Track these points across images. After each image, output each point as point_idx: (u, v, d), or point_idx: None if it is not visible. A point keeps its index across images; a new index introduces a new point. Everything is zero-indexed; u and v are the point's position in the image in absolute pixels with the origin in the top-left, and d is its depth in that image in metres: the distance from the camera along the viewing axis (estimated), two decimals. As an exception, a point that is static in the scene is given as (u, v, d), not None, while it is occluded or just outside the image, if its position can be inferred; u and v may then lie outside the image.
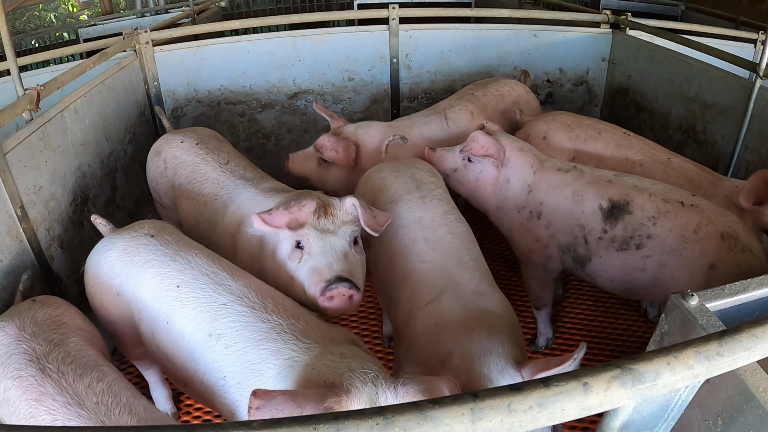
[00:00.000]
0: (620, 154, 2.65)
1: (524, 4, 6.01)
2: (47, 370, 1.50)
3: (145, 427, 1.29)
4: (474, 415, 0.74)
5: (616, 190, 2.18)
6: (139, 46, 3.41)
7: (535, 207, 2.35)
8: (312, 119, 3.88)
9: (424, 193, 2.18)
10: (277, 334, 1.56)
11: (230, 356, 1.58)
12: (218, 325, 1.63)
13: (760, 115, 2.76)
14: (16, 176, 2.07)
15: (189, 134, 2.67)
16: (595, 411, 0.79)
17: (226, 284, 1.72)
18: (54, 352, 1.56)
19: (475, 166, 2.45)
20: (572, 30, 3.85)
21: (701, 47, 3.12)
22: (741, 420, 1.02)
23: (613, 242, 2.14)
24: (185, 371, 1.71)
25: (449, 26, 3.82)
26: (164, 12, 6.56)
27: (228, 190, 2.35)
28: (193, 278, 1.75)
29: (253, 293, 1.70)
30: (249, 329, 1.59)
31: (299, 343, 1.54)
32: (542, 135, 2.83)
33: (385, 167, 2.41)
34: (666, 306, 1.18)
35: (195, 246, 1.92)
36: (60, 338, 1.63)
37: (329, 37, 3.67)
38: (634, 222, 2.09)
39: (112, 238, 1.94)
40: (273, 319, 1.61)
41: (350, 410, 0.75)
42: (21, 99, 2.17)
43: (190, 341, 1.67)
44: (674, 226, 2.03)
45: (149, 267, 1.81)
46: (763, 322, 0.86)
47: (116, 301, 1.89)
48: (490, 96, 3.18)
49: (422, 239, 1.99)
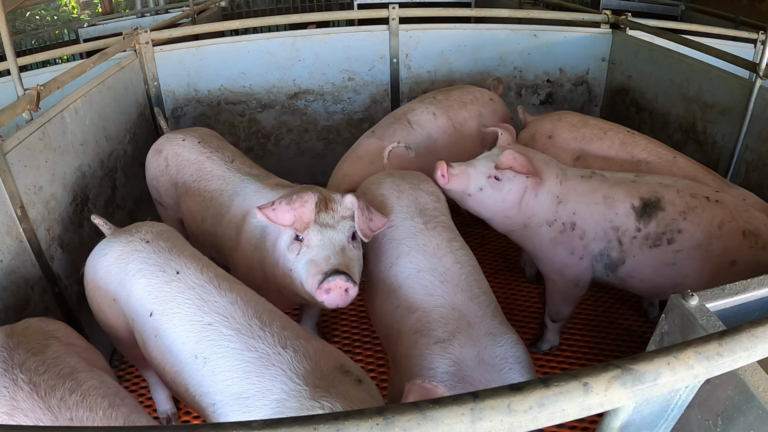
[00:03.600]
0: (626, 152, 2.65)
1: (524, 4, 6.01)
2: (19, 381, 1.42)
3: (146, 427, 1.29)
4: (474, 415, 0.74)
5: (644, 189, 2.19)
6: (139, 46, 3.41)
7: (568, 218, 2.27)
8: (312, 119, 3.88)
9: (427, 219, 2.11)
10: (264, 368, 1.52)
11: (218, 384, 1.55)
12: (204, 347, 1.59)
13: (760, 115, 2.76)
14: (16, 176, 2.07)
15: (190, 133, 2.69)
16: (595, 411, 0.79)
17: (212, 300, 1.68)
18: (29, 362, 1.48)
19: (504, 185, 2.26)
20: (572, 30, 3.85)
21: (701, 47, 3.12)
22: (741, 420, 1.02)
23: (646, 240, 2.16)
24: (175, 386, 1.70)
25: (449, 26, 3.81)
26: (164, 12, 6.56)
27: (234, 185, 2.37)
28: (179, 292, 1.71)
29: (240, 312, 1.65)
30: (236, 358, 1.55)
31: (288, 382, 1.48)
32: (548, 134, 2.82)
33: (386, 182, 2.29)
34: (666, 306, 1.18)
35: (187, 254, 1.88)
36: (40, 348, 1.55)
37: (329, 37, 3.67)
38: (667, 218, 2.12)
39: (110, 241, 1.93)
40: (260, 347, 1.56)
41: (350, 410, 0.75)
42: (21, 99, 2.17)
43: (177, 359, 1.65)
44: (702, 221, 2.08)
45: (140, 276, 1.79)
46: (763, 322, 0.86)
47: (113, 306, 1.88)
48: (452, 101, 3.10)
49: (428, 269, 1.92)
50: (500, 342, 1.73)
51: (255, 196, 2.26)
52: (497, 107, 3.22)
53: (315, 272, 1.83)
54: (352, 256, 1.89)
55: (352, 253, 1.90)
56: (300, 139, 3.93)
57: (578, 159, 2.74)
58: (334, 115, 3.86)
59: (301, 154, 3.91)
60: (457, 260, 1.97)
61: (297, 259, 1.90)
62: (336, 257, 1.84)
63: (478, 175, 2.29)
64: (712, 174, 2.50)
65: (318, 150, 3.95)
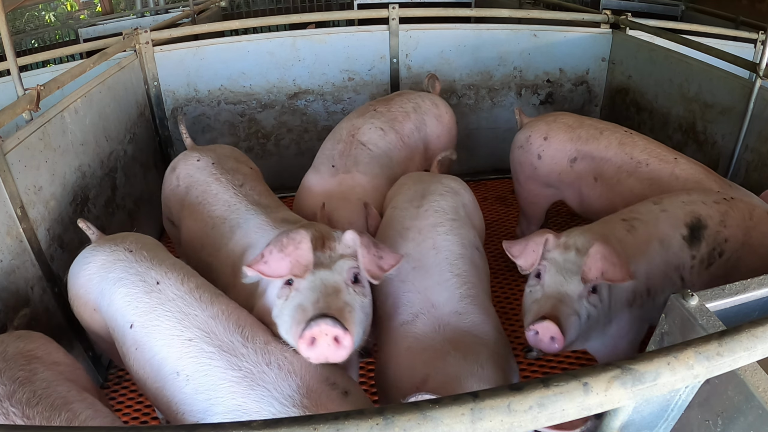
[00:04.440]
0: (624, 153, 2.61)
1: (524, 4, 6.01)
2: (11, 415, 1.37)
3: (146, 427, 1.29)
4: (474, 415, 0.74)
5: (680, 214, 2.06)
6: (139, 46, 3.41)
7: (641, 286, 1.96)
8: (312, 119, 3.88)
9: (421, 204, 2.10)
10: (250, 389, 1.48)
11: (202, 403, 1.51)
12: (185, 364, 1.55)
13: (760, 115, 2.76)
14: (16, 176, 2.07)
15: (207, 153, 2.52)
16: (595, 411, 0.79)
17: (192, 314, 1.64)
18: (18, 393, 1.41)
19: (603, 293, 1.83)
20: (572, 30, 3.85)
21: (701, 47, 3.12)
22: (741, 420, 1.02)
23: (702, 263, 2.06)
24: (157, 402, 1.67)
25: (449, 26, 3.81)
26: (164, 12, 6.57)
27: (238, 215, 2.16)
28: (159, 303, 1.67)
29: (221, 328, 1.61)
30: (219, 377, 1.51)
31: (275, 403, 1.46)
32: (543, 135, 2.82)
33: (415, 174, 2.44)
34: (666, 306, 1.18)
35: (168, 264, 1.83)
36: (27, 375, 1.48)
37: (329, 37, 3.67)
38: (712, 233, 2.06)
39: (94, 250, 1.90)
40: (243, 365, 1.52)
41: (350, 411, 0.75)
42: (21, 99, 2.17)
43: (158, 374, 1.61)
44: (736, 220, 2.09)
45: (120, 286, 1.76)
46: (763, 322, 0.86)
47: (93, 316, 1.87)
48: (395, 112, 2.94)
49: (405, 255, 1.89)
50: (466, 319, 1.78)
51: (257, 233, 2.03)
52: (441, 113, 3.06)
53: (300, 319, 1.52)
54: (350, 301, 1.58)
55: (350, 297, 1.59)
56: (300, 139, 3.93)
57: (575, 160, 2.72)
58: (334, 115, 3.86)
59: (301, 154, 3.91)
60: (434, 245, 1.97)
61: (283, 306, 1.61)
62: (325, 300, 1.54)
63: (576, 308, 1.74)
64: (714, 175, 2.47)
65: (318, 150, 3.94)
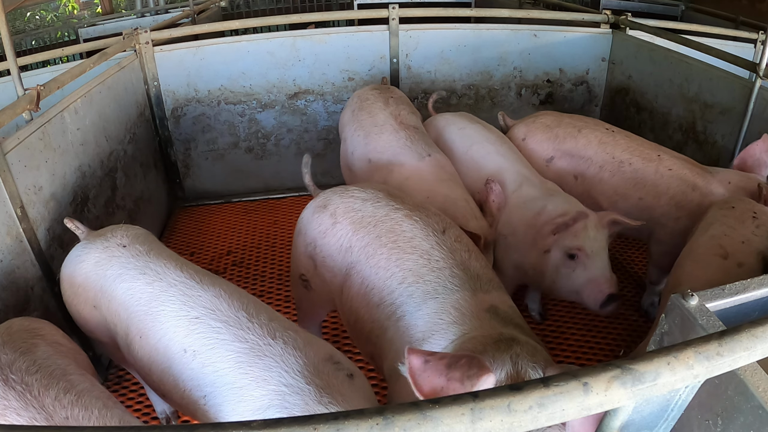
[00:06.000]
0: (605, 152, 2.57)
1: (524, 4, 6.01)
2: (10, 381, 1.40)
3: (146, 427, 1.29)
4: (474, 415, 0.74)
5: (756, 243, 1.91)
6: (139, 46, 3.41)
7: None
8: (312, 119, 3.88)
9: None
10: (258, 358, 1.52)
11: (209, 375, 1.55)
12: (192, 340, 1.59)
13: (760, 115, 2.76)
14: (16, 176, 2.07)
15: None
16: (595, 411, 0.79)
17: (196, 295, 1.68)
18: (19, 361, 1.46)
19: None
20: (572, 30, 3.85)
21: (701, 47, 3.12)
22: (741, 420, 1.02)
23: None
24: (162, 384, 1.69)
25: (449, 26, 3.81)
26: (164, 12, 6.57)
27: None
28: (162, 290, 1.71)
29: (225, 305, 1.66)
30: (226, 348, 1.55)
31: (284, 374, 1.49)
32: (521, 137, 2.79)
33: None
34: (666, 306, 1.18)
35: (164, 255, 1.87)
36: (28, 347, 1.54)
37: (329, 37, 3.67)
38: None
39: (86, 247, 1.91)
40: (249, 338, 1.57)
41: (350, 410, 0.75)
42: (21, 99, 2.17)
43: (165, 356, 1.64)
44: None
45: (120, 282, 1.78)
46: (763, 322, 0.86)
47: (93, 313, 1.87)
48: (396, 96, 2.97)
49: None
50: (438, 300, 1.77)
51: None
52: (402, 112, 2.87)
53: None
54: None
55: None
56: (300, 139, 3.93)
57: (552, 159, 2.67)
58: (334, 115, 3.86)
59: (301, 154, 3.86)
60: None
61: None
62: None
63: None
64: (698, 167, 2.47)
65: (318, 150, 3.95)
